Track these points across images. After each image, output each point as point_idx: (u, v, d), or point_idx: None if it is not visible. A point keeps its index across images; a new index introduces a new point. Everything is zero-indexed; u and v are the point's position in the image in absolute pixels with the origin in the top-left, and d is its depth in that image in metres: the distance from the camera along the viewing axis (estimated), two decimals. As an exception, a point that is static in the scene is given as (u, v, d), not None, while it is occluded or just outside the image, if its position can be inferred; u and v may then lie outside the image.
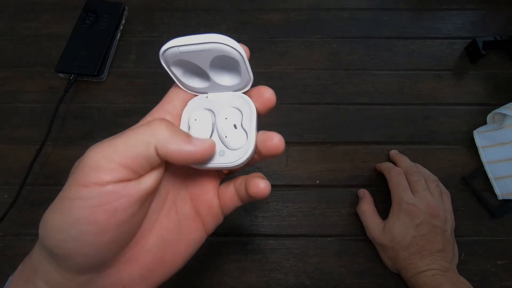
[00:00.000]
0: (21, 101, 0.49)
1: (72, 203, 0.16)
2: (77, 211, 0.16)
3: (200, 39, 0.20)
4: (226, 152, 0.21)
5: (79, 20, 0.51)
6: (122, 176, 0.17)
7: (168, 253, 0.21)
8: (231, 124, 0.21)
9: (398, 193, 0.39)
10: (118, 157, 0.17)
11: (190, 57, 0.20)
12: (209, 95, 0.23)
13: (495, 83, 0.49)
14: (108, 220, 0.17)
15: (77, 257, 0.17)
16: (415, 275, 0.35)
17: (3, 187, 0.44)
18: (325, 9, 0.55)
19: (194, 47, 0.20)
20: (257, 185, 0.20)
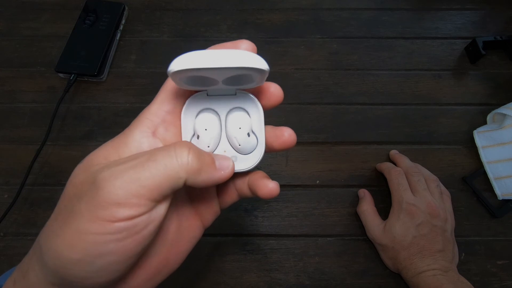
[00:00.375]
0: (21, 101, 0.49)
1: (96, 238, 0.15)
2: (104, 245, 0.15)
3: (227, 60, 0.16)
4: (238, 157, 0.21)
5: (79, 20, 0.51)
6: (150, 208, 0.16)
7: (172, 254, 0.21)
8: (245, 133, 0.21)
9: (398, 193, 0.39)
10: (146, 192, 0.16)
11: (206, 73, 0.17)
12: (210, 92, 0.20)
13: (495, 83, 0.49)
14: (136, 248, 0.16)
15: (92, 284, 0.17)
16: (416, 275, 0.35)
17: (3, 187, 0.44)
18: (325, 9, 0.55)
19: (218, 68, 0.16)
20: (266, 186, 0.20)
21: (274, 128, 0.21)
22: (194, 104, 0.20)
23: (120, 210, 0.15)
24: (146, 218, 0.16)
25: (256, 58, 0.17)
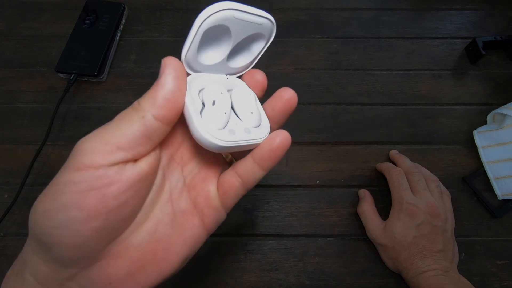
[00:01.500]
0: (21, 101, 0.49)
1: (62, 187, 0.16)
2: (66, 195, 0.16)
3: (258, 12, 0.19)
4: (251, 130, 0.20)
5: (79, 20, 0.51)
6: (117, 159, 0.16)
7: (160, 249, 0.19)
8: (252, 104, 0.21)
9: (398, 193, 0.39)
10: (113, 138, 0.16)
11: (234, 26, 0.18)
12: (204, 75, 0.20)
13: (495, 83, 0.49)
14: (97, 206, 0.16)
15: (63, 246, 0.16)
16: (417, 276, 0.35)
17: (3, 187, 0.44)
18: (325, 9, 0.55)
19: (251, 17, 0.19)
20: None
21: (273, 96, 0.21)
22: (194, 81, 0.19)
23: (86, 156, 0.16)
24: (111, 172, 0.16)
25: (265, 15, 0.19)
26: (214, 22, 0.17)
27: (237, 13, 0.18)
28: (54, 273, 0.17)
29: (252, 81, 0.21)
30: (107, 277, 0.18)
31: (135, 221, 0.18)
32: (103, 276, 0.17)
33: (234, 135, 0.19)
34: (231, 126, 0.19)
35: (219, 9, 0.17)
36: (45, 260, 0.17)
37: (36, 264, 0.17)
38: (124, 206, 0.17)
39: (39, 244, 0.17)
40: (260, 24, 0.19)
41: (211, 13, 0.17)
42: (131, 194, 0.17)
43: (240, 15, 0.18)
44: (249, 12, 0.18)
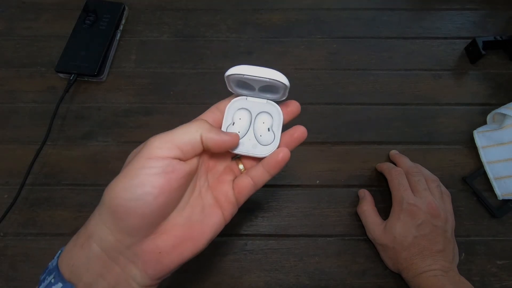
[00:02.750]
0: (21, 101, 0.49)
1: (138, 171, 0.21)
2: (142, 176, 0.21)
3: (263, 74, 0.25)
4: (258, 146, 0.28)
5: (79, 20, 0.51)
6: (176, 154, 0.23)
7: (195, 231, 0.25)
8: (266, 128, 0.28)
9: (398, 193, 0.39)
10: (174, 140, 0.23)
11: (249, 81, 0.26)
12: (249, 98, 0.29)
13: (495, 83, 0.49)
14: (164, 185, 0.22)
15: (135, 215, 0.22)
16: (417, 276, 0.35)
17: (3, 187, 0.44)
18: (325, 9, 0.55)
19: (256, 78, 0.25)
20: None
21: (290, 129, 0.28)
22: (236, 103, 0.28)
23: (156, 150, 0.22)
24: (174, 163, 0.22)
25: (282, 76, 0.25)
26: (231, 80, 0.26)
27: (246, 76, 0.25)
28: (118, 242, 0.22)
29: (287, 110, 0.29)
30: (158, 247, 0.23)
31: (178, 207, 0.25)
32: (155, 246, 0.23)
33: (242, 146, 0.28)
34: (244, 140, 0.28)
35: (229, 74, 0.25)
36: (113, 231, 0.22)
37: (103, 234, 0.22)
38: (178, 190, 0.23)
39: (113, 216, 0.22)
40: (270, 80, 0.25)
41: (227, 75, 0.25)
42: (182, 182, 0.23)
43: (247, 77, 0.25)
44: (253, 75, 0.25)
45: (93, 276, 0.22)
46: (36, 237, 0.41)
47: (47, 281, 0.22)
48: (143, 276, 0.23)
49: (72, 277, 0.22)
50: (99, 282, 0.22)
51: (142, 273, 0.23)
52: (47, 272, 0.23)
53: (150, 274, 0.23)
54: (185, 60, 0.51)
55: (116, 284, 0.22)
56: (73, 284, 0.21)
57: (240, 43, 0.53)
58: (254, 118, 0.28)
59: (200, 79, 0.50)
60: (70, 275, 0.22)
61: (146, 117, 0.48)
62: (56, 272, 0.22)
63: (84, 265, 0.22)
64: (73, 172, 0.44)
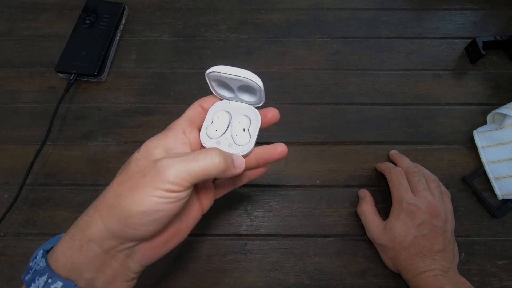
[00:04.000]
0: (21, 101, 0.49)
1: (157, 199, 0.23)
2: (160, 205, 0.23)
3: (238, 73, 0.26)
4: (233, 146, 0.29)
5: (79, 20, 0.51)
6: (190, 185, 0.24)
7: (182, 226, 0.28)
8: (242, 128, 0.29)
9: (398, 193, 0.39)
10: (190, 179, 0.24)
11: (226, 79, 0.28)
12: (231, 102, 0.30)
13: (495, 83, 0.49)
14: (174, 210, 0.24)
15: (141, 231, 0.24)
16: (417, 276, 0.35)
17: (3, 187, 0.44)
18: (325, 9, 0.55)
19: (231, 76, 0.27)
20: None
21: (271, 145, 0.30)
22: (218, 105, 0.30)
23: (173, 186, 0.23)
24: (184, 193, 0.24)
25: (255, 76, 0.27)
26: (211, 78, 0.28)
27: (222, 74, 0.27)
28: (120, 244, 0.24)
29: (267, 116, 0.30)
30: (153, 244, 0.26)
31: None
32: (151, 244, 0.26)
33: (218, 145, 0.29)
34: (221, 139, 0.29)
35: (209, 72, 0.27)
36: (117, 238, 0.24)
37: (107, 239, 0.24)
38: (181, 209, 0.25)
39: (122, 227, 0.23)
40: (241, 80, 0.27)
41: (206, 73, 0.27)
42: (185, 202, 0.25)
43: (223, 75, 0.27)
44: (229, 73, 0.27)
45: (93, 272, 0.24)
46: (36, 237, 0.41)
47: (41, 281, 0.23)
48: (136, 266, 0.26)
49: (70, 275, 0.23)
50: (99, 277, 0.24)
51: (137, 264, 0.26)
52: (35, 272, 0.23)
53: (143, 263, 0.26)
54: (185, 60, 0.51)
55: (114, 276, 0.25)
56: (73, 281, 0.23)
57: (240, 43, 0.53)
58: (232, 119, 0.30)
59: (200, 79, 0.50)
60: (67, 273, 0.23)
61: (146, 117, 0.48)
62: (50, 272, 0.23)
63: (84, 264, 0.23)
64: (73, 172, 0.44)
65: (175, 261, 0.40)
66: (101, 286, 0.24)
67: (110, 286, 0.25)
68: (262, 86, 0.27)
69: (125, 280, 0.26)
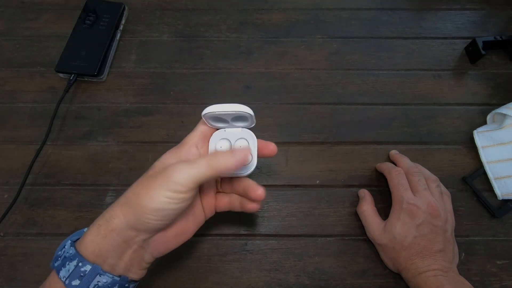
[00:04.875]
0: (21, 101, 0.49)
1: (167, 199, 0.26)
2: (170, 204, 0.26)
3: (230, 108, 0.29)
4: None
5: (79, 20, 0.51)
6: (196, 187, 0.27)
7: (189, 225, 0.32)
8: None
9: (398, 193, 0.39)
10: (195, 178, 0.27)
11: (221, 115, 0.31)
12: (227, 129, 0.33)
13: (495, 83, 0.49)
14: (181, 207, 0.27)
15: (154, 226, 0.27)
16: (417, 276, 0.35)
17: (3, 187, 0.44)
18: (325, 9, 0.55)
19: (226, 112, 0.30)
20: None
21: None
22: (217, 135, 0.33)
23: (181, 188, 0.26)
24: (188, 194, 0.27)
25: (246, 107, 0.30)
26: (207, 118, 0.31)
27: (218, 112, 0.30)
28: (136, 236, 0.28)
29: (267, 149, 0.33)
30: (165, 238, 0.30)
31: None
32: (163, 237, 0.30)
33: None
34: None
35: (204, 113, 0.30)
36: (134, 230, 0.27)
37: (127, 230, 0.27)
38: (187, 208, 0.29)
39: (138, 221, 0.27)
40: (235, 113, 0.30)
41: (202, 114, 0.30)
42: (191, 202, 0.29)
43: (218, 113, 0.30)
44: (223, 110, 0.29)
45: (114, 259, 0.27)
46: (36, 237, 0.41)
47: (72, 266, 0.26)
48: (149, 257, 0.30)
49: (97, 260, 0.27)
50: (119, 263, 0.28)
51: (149, 255, 0.30)
52: (64, 259, 0.27)
53: (154, 255, 0.30)
54: (185, 60, 0.51)
55: (132, 264, 0.29)
56: (99, 265, 0.27)
57: (240, 43, 0.53)
58: (233, 144, 0.33)
59: (200, 79, 0.50)
60: (94, 259, 0.27)
61: (146, 117, 0.48)
62: (79, 258, 0.26)
63: (108, 251, 0.27)
64: (73, 172, 0.44)
65: (175, 261, 0.40)
66: (121, 271, 0.28)
67: (128, 272, 0.28)
68: (253, 113, 0.30)
69: (139, 268, 0.30)
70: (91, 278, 0.26)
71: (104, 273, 0.27)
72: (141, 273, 0.30)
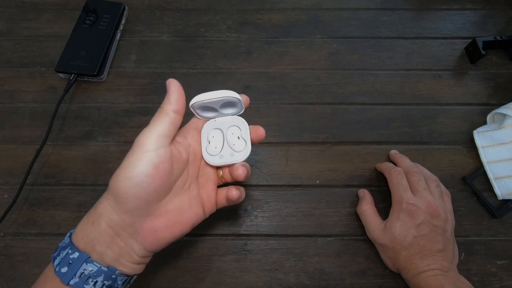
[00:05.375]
0: (21, 101, 0.49)
1: (135, 162, 0.27)
2: (138, 168, 0.27)
3: (217, 95, 0.30)
4: (234, 154, 0.32)
5: (79, 20, 0.51)
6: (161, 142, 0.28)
7: (183, 217, 0.31)
8: (236, 137, 0.33)
9: (398, 193, 0.39)
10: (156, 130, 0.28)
11: (209, 104, 0.31)
12: (217, 119, 0.34)
13: (495, 83, 0.49)
14: (154, 174, 0.27)
15: (134, 199, 0.27)
16: (416, 275, 0.35)
17: (3, 187, 0.44)
18: (325, 9, 0.55)
19: (214, 99, 0.30)
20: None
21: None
22: (208, 126, 0.34)
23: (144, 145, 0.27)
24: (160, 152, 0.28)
25: (232, 92, 0.30)
26: (195, 108, 0.32)
27: (205, 101, 0.30)
28: (122, 220, 0.27)
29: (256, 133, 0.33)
30: (154, 227, 0.29)
31: (170, 195, 0.30)
32: (152, 226, 0.29)
33: (222, 158, 0.32)
34: (222, 153, 0.32)
35: (192, 103, 0.31)
36: (118, 211, 0.27)
37: (110, 214, 0.27)
38: (166, 177, 0.28)
39: (117, 200, 0.27)
40: (222, 99, 0.30)
41: (190, 105, 0.31)
42: (169, 167, 0.28)
43: (206, 102, 0.30)
44: (211, 98, 0.30)
45: (102, 247, 0.27)
46: (36, 237, 0.41)
47: (64, 253, 0.27)
48: (141, 249, 0.29)
49: (86, 248, 0.27)
50: (107, 252, 0.27)
51: (140, 247, 0.29)
52: (61, 248, 0.28)
53: (146, 247, 0.29)
54: (185, 60, 0.51)
55: (121, 254, 0.28)
56: (87, 253, 0.27)
57: (240, 43, 0.53)
58: (225, 133, 0.33)
59: (200, 79, 0.50)
60: (84, 246, 0.27)
61: (146, 117, 0.48)
62: (70, 246, 0.27)
63: (96, 238, 0.27)
64: (73, 172, 0.44)
65: (175, 261, 0.40)
66: (110, 262, 0.27)
67: (117, 263, 0.28)
68: (241, 98, 0.31)
69: (130, 261, 0.28)
70: (77, 266, 0.26)
71: (91, 261, 0.26)
72: (133, 267, 0.29)
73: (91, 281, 0.26)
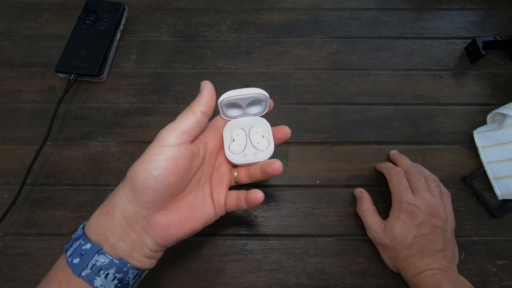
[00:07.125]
0: (21, 101, 0.49)
1: (154, 156, 0.27)
2: (157, 161, 0.27)
3: (247, 92, 0.30)
4: (258, 153, 0.33)
5: (79, 20, 0.51)
6: (183, 139, 0.28)
7: (195, 214, 0.31)
8: (260, 135, 0.33)
9: (398, 193, 0.39)
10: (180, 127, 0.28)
11: (237, 101, 0.31)
12: (239, 119, 0.34)
13: (495, 83, 0.49)
14: (173, 168, 0.27)
15: (150, 191, 0.27)
16: (416, 275, 0.35)
17: (3, 187, 0.44)
18: (325, 9, 0.55)
19: (243, 96, 0.30)
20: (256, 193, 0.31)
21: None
22: (230, 126, 0.34)
23: (167, 139, 0.27)
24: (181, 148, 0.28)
25: (261, 90, 0.31)
26: (223, 104, 0.31)
27: (235, 97, 0.30)
28: (136, 212, 0.28)
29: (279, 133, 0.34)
30: (167, 221, 0.29)
31: (185, 192, 0.30)
32: (164, 220, 0.29)
33: (245, 157, 0.32)
34: (246, 151, 0.33)
35: (221, 100, 0.31)
36: (133, 203, 0.27)
37: (125, 205, 0.28)
38: (184, 173, 0.29)
39: (134, 191, 0.27)
40: (253, 96, 0.31)
41: (219, 102, 0.31)
42: (187, 166, 0.29)
43: (235, 98, 0.30)
44: (240, 94, 0.30)
45: (115, 239, 0.27)
46: (36, 237, 0.41)
47: (76, 244, 0.27)
48: (152, 243, 0.29)
49: (98, 239, 0.27)
50: (119, 244, 0.27)
51: (152, 240, 0.29)
52: (73, 239, 0.28)
53: (158, 242, 0.29)
54: (185, 60, 0.51)
55: (133, 247, 0.28)
56: (100, 245, 0.27)
57: (240, 43, 0.53)
58: (248, 132, 0.33)
59: (200, 79, 0.50)
60: (97, 237, 0.27)
61: (146, 117, 0.48)
62: (83, 237, 0.27)
63: (109, 229, 0.27)
64: (73, 172, 0.44)
65: (175, 261, 0.40)
66: (122, 254, 0.27)
67: (129, 256, 0.28)
68: (268, 96, 0.31)
69: (142, 254, 0.29)
70: (90, 257, 0.26)
71: (103, 252, 0.27)
72: (144, 261, 0.29)
73: (103, 273, 0.26)
